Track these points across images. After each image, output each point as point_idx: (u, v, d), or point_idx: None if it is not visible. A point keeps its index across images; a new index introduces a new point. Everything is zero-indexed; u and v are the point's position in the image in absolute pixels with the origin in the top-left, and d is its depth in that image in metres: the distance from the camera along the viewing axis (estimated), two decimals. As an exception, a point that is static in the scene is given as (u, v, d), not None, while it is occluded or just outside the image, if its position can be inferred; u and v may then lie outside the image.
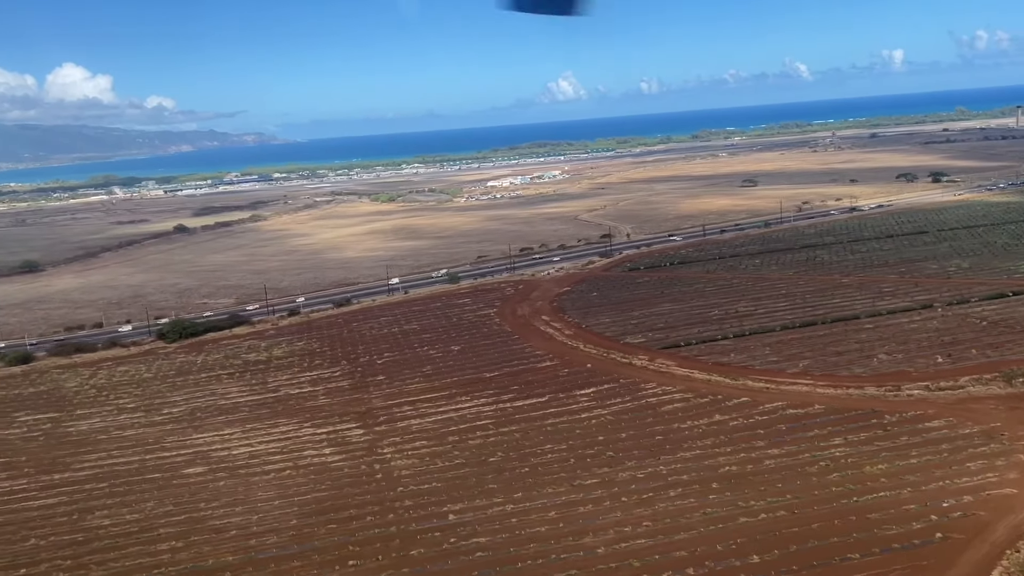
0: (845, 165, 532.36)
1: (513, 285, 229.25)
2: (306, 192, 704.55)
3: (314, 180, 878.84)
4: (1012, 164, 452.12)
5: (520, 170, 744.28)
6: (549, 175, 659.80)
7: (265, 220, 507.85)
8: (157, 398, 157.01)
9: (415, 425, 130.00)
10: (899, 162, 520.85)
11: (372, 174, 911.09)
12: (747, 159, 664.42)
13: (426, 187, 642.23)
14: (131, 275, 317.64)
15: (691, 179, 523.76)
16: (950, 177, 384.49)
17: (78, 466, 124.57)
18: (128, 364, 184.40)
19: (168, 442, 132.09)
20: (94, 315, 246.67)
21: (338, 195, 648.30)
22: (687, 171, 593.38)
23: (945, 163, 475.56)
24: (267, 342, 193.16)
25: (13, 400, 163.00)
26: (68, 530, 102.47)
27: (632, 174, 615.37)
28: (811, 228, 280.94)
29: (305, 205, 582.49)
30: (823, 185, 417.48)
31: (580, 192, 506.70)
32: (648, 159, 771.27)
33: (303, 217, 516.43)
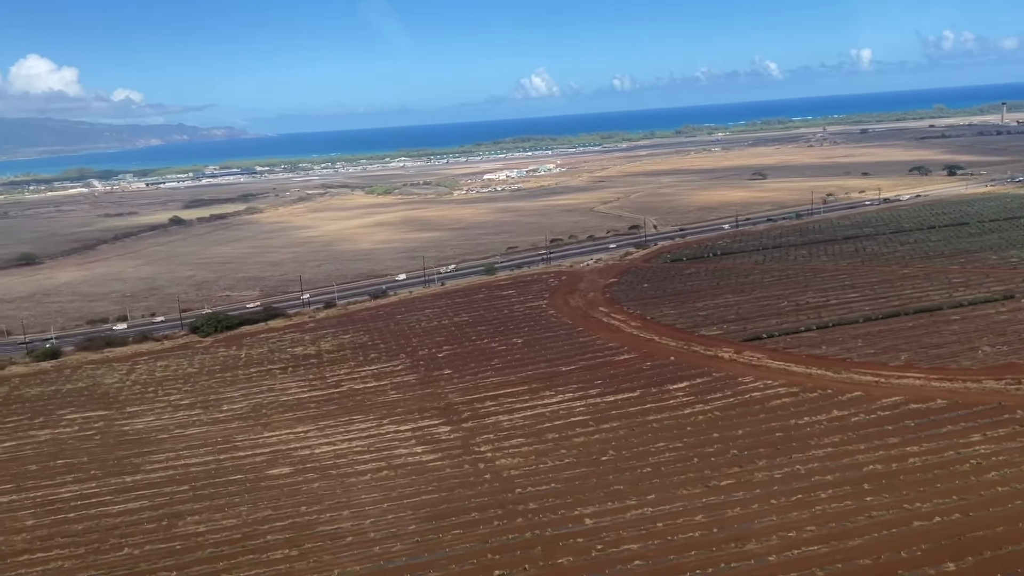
0: (847, 159, 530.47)
1: (554, 276, 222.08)
2: (294, 185, 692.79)
3: (299, 173, 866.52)
4: (1016, 158, 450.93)
5: (511, 164, 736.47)
6: (544, 169, 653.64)
7: (261, 212, 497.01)
8: (211, 394, 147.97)
9: (505, 421, 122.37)
10: (900, 156, 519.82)
11: (358, 167, 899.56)
12: (742, 153, 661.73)
13: (420, 180, 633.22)
14: (138, 267, 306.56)
15: (693, 172, 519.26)
16: (965, 170, 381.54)
17: (148, 467, 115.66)
18: (166, 359, 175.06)
19: (239, 441, 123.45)
20: (111, 308, 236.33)
21: (329, 188, 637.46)
22: (684, 165, 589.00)
23: (947, 157, 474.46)
24: (310, 335, 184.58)
25: (53, 397, 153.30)
26: (161, 537, 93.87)
27: (629, 168, 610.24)
28: (845, 219, 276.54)
29: (299, 198, 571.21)
30: (835, 178, 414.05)
31: (582, 185, 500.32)
32: (639, 153, 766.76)
33: (299, 209, 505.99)
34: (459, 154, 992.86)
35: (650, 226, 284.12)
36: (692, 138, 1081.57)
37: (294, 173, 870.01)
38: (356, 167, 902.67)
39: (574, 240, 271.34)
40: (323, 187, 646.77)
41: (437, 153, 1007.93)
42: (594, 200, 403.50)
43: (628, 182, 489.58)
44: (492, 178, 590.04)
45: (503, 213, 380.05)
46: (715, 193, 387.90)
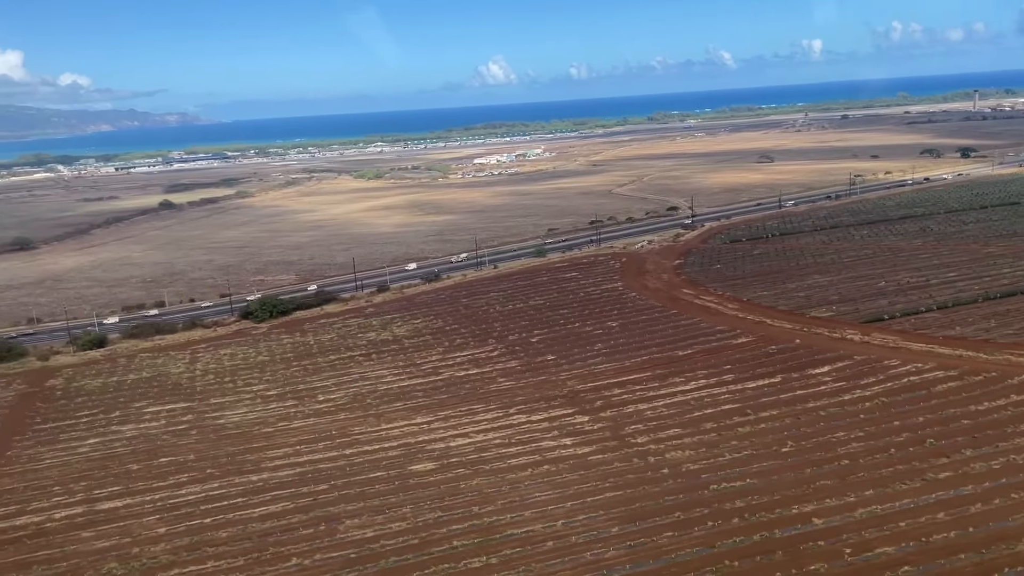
0: (842, 143, 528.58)
1: (613, 258, 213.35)
2: (274, 169, 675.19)
3: (274, 158, 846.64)
4: (1015, 142, 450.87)
5: (495, 149, 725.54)
6: (532, 153, 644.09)
7: (252, 196, 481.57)
8: (297, 383, 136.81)
9: (647, 411, 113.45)
10: (896, 140, 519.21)
11: (334, 152, 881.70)
12: (730, 138, 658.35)
13: (407, 165, 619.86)
14: (146, 252, 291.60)
15: (690, 156, 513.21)
16: (979, 152, 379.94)
17: (269, 464, 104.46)
18: (227, 346, 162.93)
19: (358, 434, 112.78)
20: (136, 294, 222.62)
21: (313, 172, 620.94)
22: (677, 150, 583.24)
23: (942, 141, 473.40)
24: (377, 320, 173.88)
25: (119, 389, 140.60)
26: (328, 544, 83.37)
27: (620, 152, 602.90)
28: (887, 199, 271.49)
29: (286, 182, 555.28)
30: (844, 160, 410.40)
31: (581, 169, 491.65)
32: (622, 139, 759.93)
33: (291, 193, 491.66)
34: (435, 139, 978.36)
35: (685, 208, 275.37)
36: (665, 124, 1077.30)
37: (269, 158, 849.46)
38: (332, 152, 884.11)
39: (614, 222, 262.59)
40: (305, 171, 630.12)
41: (414, 138, 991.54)
42: (602, 183, 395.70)
43: (628, 166, 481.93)
44: (483, 162, 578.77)
45: (517, 196, 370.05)
46: (730, 175, 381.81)
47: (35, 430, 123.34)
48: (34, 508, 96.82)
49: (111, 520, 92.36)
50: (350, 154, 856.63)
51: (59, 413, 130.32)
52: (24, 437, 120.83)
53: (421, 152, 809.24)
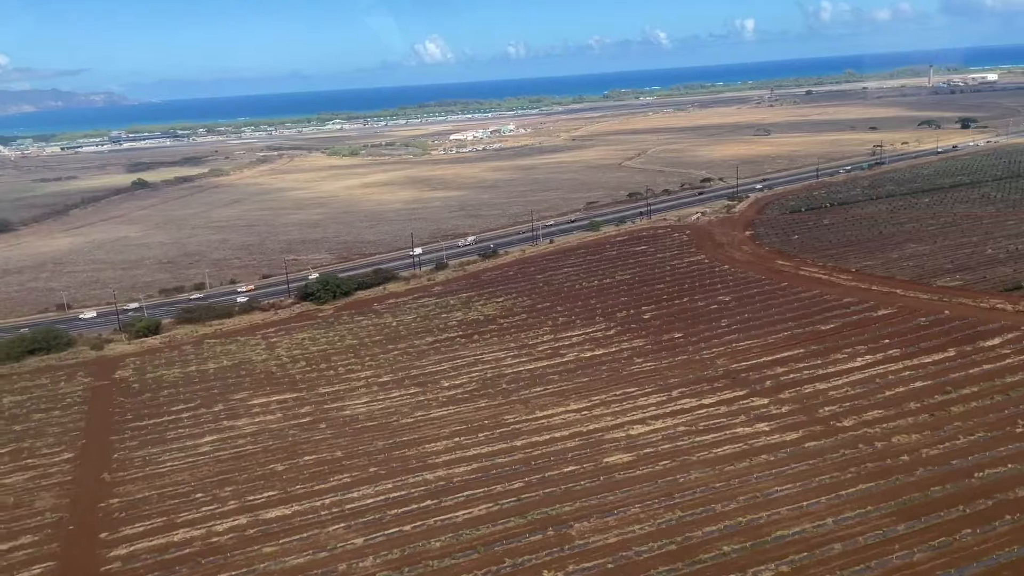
0: (824, 116, 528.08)
1: (674, 230, 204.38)
2: (234, 148, 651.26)
3: (229, 137, 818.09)
4: (997, 113, 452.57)
5: (464, 126, 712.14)
6: (506, 130, 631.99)
7: (228, 175, 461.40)
8: (409, 369, 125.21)
9: (827, 390, 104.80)
10: (878, 113, 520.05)
11: (291, 131, 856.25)
12: (705, 114, 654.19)
13: (380, 141, 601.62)
14: (145, 233, 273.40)
15: (677, 131, 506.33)
16: (979, 123, 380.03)
17: (434, 460, 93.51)
18: (302, 330, 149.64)
19: (514, 423, 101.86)
20: (160, 276, 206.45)
21: (279, 150, 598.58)
22: (658, 124, 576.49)
23: (919, 114, 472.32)
24: (455, 298, 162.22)
25: (204, 379, 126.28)
26: (572, 553, 73.22)
27: (597, 128, 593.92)
28: (923, 168, 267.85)
29: (258, 159, 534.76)
30: (842, 132, 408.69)
31: (568, 144, 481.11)
32: (592, 115, 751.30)
33: (265, 170, 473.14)
34: (394, 117, 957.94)
35: (717, 179, 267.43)
36: (622, 102, 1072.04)
37: (223, 136, 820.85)
38: (288, 130, 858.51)
39: (651, 194, 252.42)
40: (270, 149, 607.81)
41: (373, 116, 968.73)
42: (603, 156, 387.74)
43: (616, 140, 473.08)
44: (460, 138, 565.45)
45: (522, 171, 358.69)
46: (735, 148, 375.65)
47: (132, 428, 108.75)
48: (185, 520, 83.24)
49: (288, 531, 79.47)
50: (309, 132, 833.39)
51: (149, 408, 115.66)
52: (123, 436, 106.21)
53: (384, 130, 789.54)
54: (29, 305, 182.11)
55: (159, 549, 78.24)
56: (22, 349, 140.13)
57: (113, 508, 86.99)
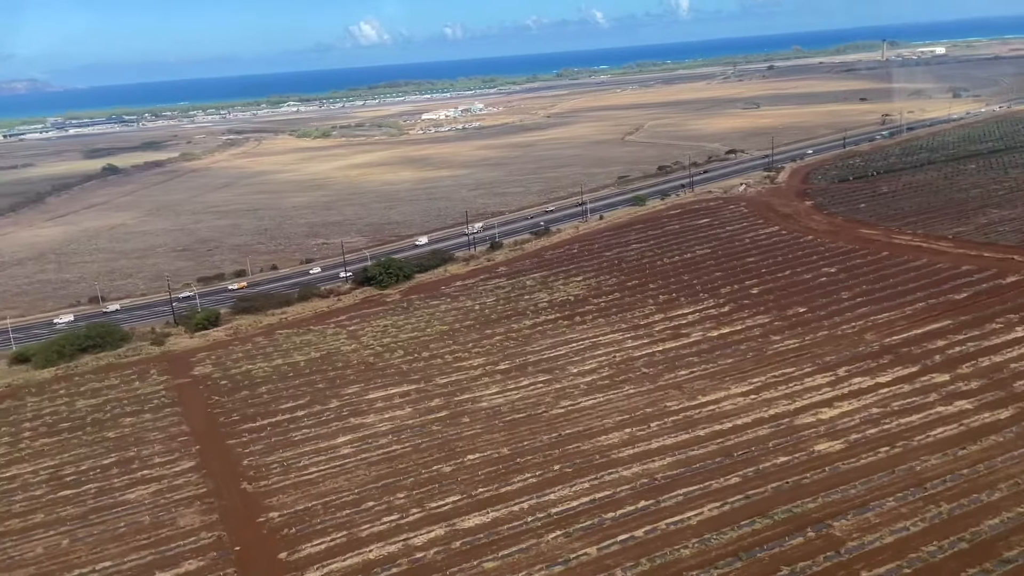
0: (799, 90, 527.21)
1: (727, 201, 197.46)
2: (191, 132, 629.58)
3: (181, 121, 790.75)
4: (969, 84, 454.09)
5: (429, 105, 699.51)
6: (476, 109, 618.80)
7: (199, 159, 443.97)
8: (525, 355, 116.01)
9: (1006, 363, 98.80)
10: (853, 86, 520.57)
11: (246, 113, 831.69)
12: (674, 89, 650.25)
13: (350, 123, 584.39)
14: (141, 220, 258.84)
15: (659, 106, 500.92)
16: (970, 92, 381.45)
17: (618, 455, 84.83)
18: (378, 316, 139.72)
19: (679, 410, 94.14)
20: (178, 264, 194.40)
21: (242, 133, 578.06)
22: (635, 100, 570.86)
23: (895, 86, 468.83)
24: (529, 279, 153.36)
25: (298, 373, 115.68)
26: (880, 561, 63.39)
27: (571, 105, 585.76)
28: (944, 135, 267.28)
29: (226, 143, 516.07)
30: (832, 104, 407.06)
31: (549, 122, 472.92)
32: (557, 93, 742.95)
33: (238, 153, 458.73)
34: (349, 98, 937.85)
35: (742, 152, 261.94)
36: (576, 80, 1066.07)
37: (175, 120, 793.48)
38: (243, 113, 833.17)
39: (680, 166, 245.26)
40: (230, 133, 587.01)
41: (327, 98, 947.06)
42: (596, 132, 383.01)
43: (598, 117, 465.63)
44: (433, 118, 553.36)
45: (520, 149, 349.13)
46: (732, 121, 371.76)
47: (247, 430, 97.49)
48: (371, 533, 73.28)
49: (500, 542, 70.28)
50: (264, 115, 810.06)
51: (255, 407, 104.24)
52: (242, 440, 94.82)
53: (343, 111, 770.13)
54: (52, 299, 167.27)
55: (360, 570, 67.62)
56: (76, 347, 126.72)
57: (276, 523, 76.06)
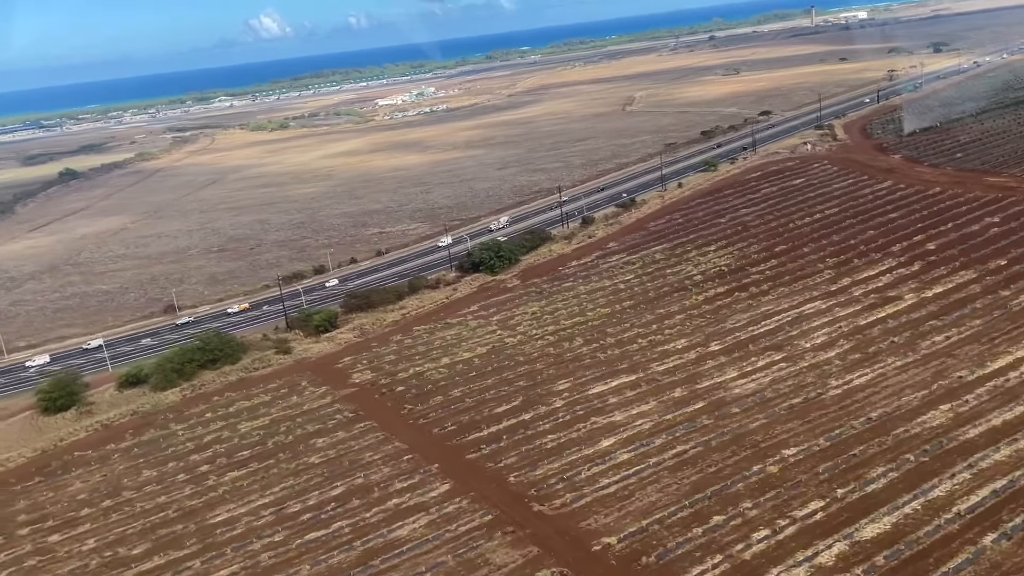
0: (762, 56, 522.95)
1: (808, 161, 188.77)
2: (129, 132, 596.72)
3: (109, 122, 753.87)
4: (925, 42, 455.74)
5: (374, 93, 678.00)
6: (428, 93, 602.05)
7: (157, 158, 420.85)
8: (731, 332, 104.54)
9: None
10: (814, 49, 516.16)
11: (177, 111, 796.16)
12: (627, 63, 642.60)
13: (302, 113, 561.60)
14: (143, 223, 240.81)
15: (628, 79, 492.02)
16: (951, 46, 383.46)
17: (969, 439, 72.56)
18: (514, 304, 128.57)
19: (977, 381, 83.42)
20: (231, 266, 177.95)
21: (186, 131, 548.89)
22: (593, 76, 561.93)
23: (843, 48, 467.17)
24: (655, 252, 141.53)
25: (482, 372, 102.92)
26: None
27: (529, 83, 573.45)
28: (964, 86, 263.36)
29: (177, 140, 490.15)
30: (813, 66, 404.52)
31: (518, 101, 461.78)
32: (503, 73, 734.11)
33: (194, 150, 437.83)
34: (284, 90, 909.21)
35: (775, 114, 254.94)
36: (508, 61, 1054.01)
37: (102, 123, 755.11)
38: (174, 111, 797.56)
39: (720, 131, 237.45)
40: (172, 131, 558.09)
41: (259, 91, 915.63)
42: (579, 107, 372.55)
43: (571, 93, 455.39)
44: (390, 103, 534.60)
45: (515, 128, 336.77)
46: (724, 87, 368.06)
47: (477, 442, 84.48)
48: (752, 554, 60.52)
49: (927, 552, 57.71)
50: (196, 112, 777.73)
51: (463, 415, 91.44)
52: (482, 453, 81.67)
53: (278, 103, 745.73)
54: (107, 313, 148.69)
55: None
56: (197, 362, 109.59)
57: (621, 551, 63.48)
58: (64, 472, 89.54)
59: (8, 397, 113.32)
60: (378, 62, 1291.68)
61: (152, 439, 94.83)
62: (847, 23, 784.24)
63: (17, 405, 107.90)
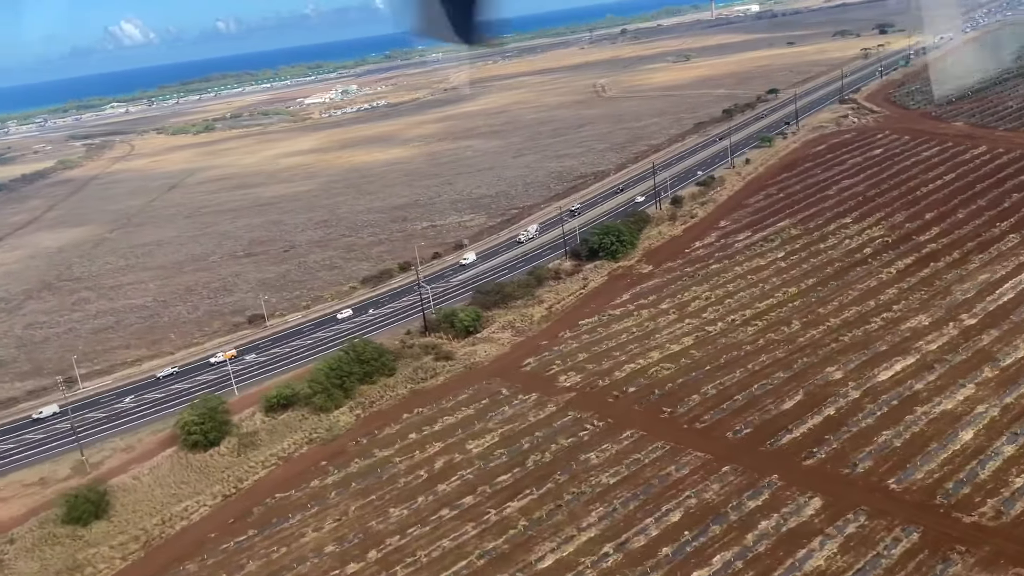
0: (685, 46, 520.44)
1: (862, 133, 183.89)
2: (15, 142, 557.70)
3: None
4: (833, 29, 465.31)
5: (290, 94, 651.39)
6: (352, 90, 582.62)
7: (81, 166, 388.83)
8: (968, 310, 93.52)
9: None
10: (732, 39, 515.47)
11: (68, 119, 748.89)
12: (557, 55, 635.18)
13: (224, 115, 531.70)
14: (123, 233, 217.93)
15: (571, 69, 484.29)
16: (895, 27, 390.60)
17: None
18: (668, 291, 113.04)
19: None
20: (277, 270, 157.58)
21: (93, 138, 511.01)
22: (527, 68, 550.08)
23: (789, 34, 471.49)
24: (780, 228, 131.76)
25: (718, 365, 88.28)
26: None
27: (460, 78, 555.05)
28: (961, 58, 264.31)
29: (91, 148, 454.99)
30: (762, 50, 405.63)
31: (467, 95, 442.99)
32: (417, 70, 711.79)
33: (116, 156, 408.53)
34: (169, 95, 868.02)
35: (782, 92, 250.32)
36: (409, 60, 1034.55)
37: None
38: (63, 119, 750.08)
39: (738, 109, 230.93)
40: (75, 139, 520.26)
41: (149, 96, 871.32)
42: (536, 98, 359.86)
43: (516, 84, 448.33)
44: (317, 102, 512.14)
45: (491, 117, 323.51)
46: (687, 72, 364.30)
47: (794, 445, 70.46)
48: None
49: None
50: (88, 119, 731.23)
51: (748, 415, 77.02)
52: (816, 458, 68.05)
53: (182, 107, 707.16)
54: (166, 331, 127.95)
55: None
56: (356, 375, 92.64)
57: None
58: (279, 520, 71.83)
59: (120, 433, 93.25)
60: (256, 66, 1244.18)
61: (363, 471, 77.90)
62: (744, 15, 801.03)
63: (148, 443, 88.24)
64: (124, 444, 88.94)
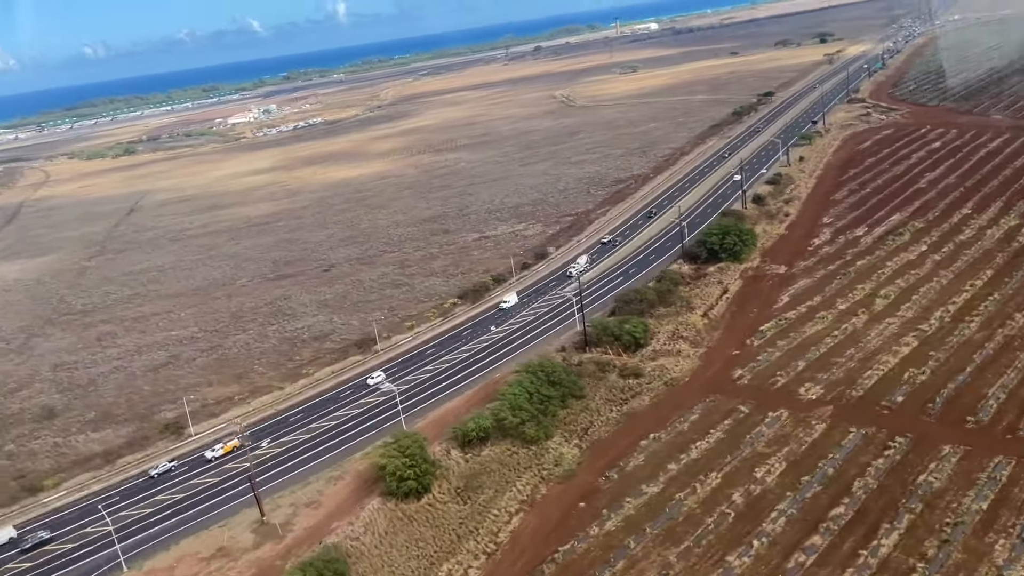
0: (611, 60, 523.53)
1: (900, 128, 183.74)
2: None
3: None
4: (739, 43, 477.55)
5: (192, 116, 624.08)
6: (272, 109, 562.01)
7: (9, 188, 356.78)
8: None
9: None
10: (653, 54, 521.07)
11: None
12: (479, 72, 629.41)
13: (141, 137, 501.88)
14: (106, 259, 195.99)
15: (511, 82, 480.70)
16: (835, 36, 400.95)
17: None
18: (831, 292, 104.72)
19: None
20: (330, 290, 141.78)
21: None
22: (458, 84, 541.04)
23: (713, 47, 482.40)
24: (897, 224, 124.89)
25: (986, 367, 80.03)
26: None
27: (388, 95, 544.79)
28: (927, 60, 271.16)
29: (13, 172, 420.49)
30: (706, 60, 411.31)
31: (408, 110, 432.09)
32: (328, 91, 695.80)
33: (34, 183, 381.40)
34: (73, 119, 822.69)
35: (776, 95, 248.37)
36: (310, 81, 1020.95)
37: None
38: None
39: (744, 110, 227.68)
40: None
41: (32, 122, 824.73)
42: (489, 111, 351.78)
43: (453, 100, 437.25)
44: (242, 122, 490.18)
45: (460, 129, 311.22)
46: (647, 81, 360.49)
47: None
48: None
49: None
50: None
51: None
52: None
53: (77, 132, 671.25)
54: (235, 366, 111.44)
55: None
56: (556, 399, 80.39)
57: None
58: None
59: (285, 484, 77.31)
60: (132, 92, 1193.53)
61: (645, 511, 66.32)
62: (647, 32, 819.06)
63: (334, 494, 72.92)
64: (305, 498, 72.96)
